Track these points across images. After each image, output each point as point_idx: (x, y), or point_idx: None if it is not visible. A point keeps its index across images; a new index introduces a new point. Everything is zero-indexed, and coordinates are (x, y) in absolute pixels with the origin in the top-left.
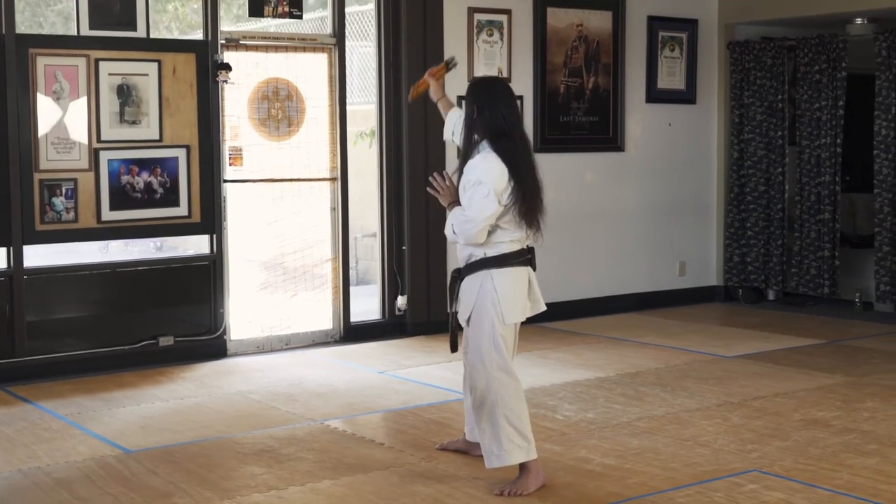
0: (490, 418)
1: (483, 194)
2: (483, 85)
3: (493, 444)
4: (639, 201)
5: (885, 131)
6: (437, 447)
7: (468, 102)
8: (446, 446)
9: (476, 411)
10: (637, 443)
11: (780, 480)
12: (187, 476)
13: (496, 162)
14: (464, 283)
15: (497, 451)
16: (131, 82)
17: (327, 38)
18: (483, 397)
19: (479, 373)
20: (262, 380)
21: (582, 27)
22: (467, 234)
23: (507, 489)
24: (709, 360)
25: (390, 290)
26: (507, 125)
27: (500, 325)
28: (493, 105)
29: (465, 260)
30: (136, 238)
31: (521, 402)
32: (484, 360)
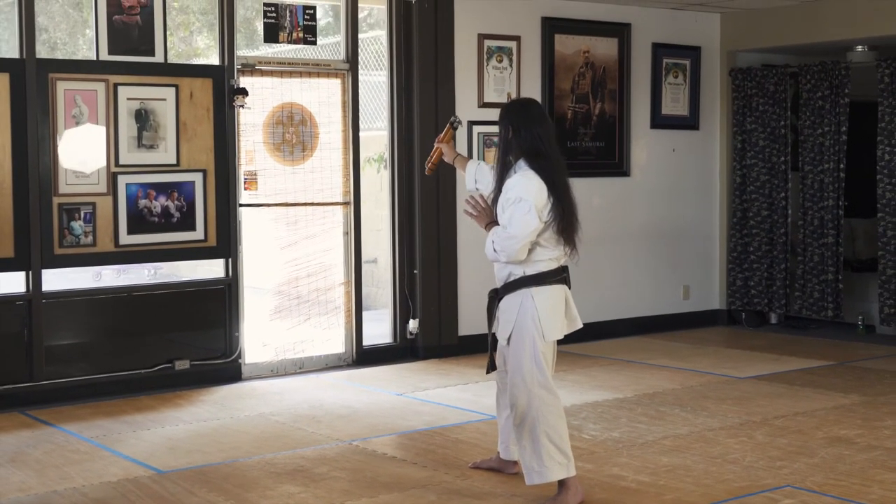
0: (531, 435)
1: (524, 211)
2: (518, 106)
3: (534, 461)
4: (643, 225)
5: (889, 156)
6: (471, 466)
7: (503, 124)
8: (479, 465)
9: (517, 428)
10: (667, 460)
11: (814, 495)
12: (225, 495)
13: (535, 179)
14: (503, 302)
15: (538, 468)
16: (149, 107)
17: (341, 64)
18: (524, 414)
19: (521, 390)
20: (281, 402)
21: (589, 54)
22: (509, 252)
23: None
24: (723, 381)
25: (402, 313)
26: (542, 144)
27: (541, 343)
28: (529, 125)
29: (503, 279)
30: (153, 262)
31: (561, 420)
32: (525, 378)
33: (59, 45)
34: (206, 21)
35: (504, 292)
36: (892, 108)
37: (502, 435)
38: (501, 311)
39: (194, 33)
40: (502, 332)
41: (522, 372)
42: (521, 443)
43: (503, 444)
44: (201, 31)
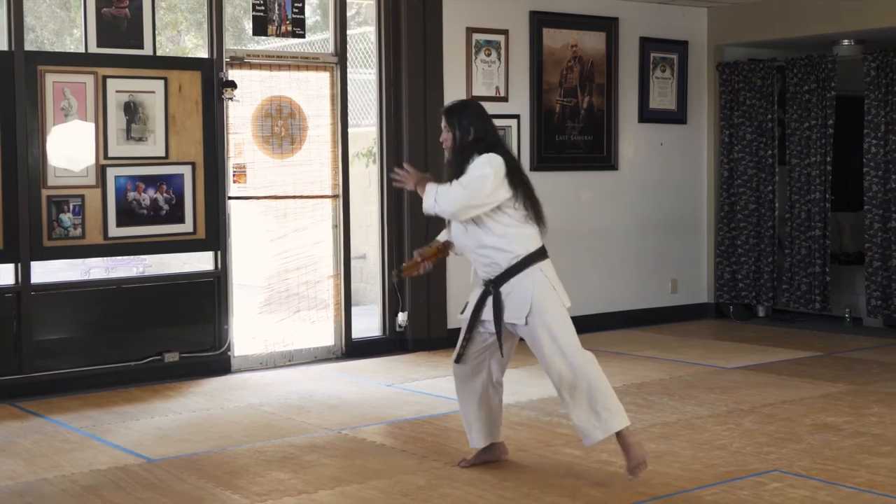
0: (587, 396)
1: (483, 173)
2: (464, 106)
3: (593, 419)
4: (632, 219)
5: (875, 149)
6: (461, 465)
7: (456, 124)
8: (471, 462)
9: (571, 399)
10: (655, 446)
11: (801, 479)
12: (215, 482)
13: (497, 157)
14: (510, 285)
15: (598, 423)
16: (138, 99)
17: (329, 57)
18: (573, 381)
19: (561, 359)
20: (271, 393)
21: (577, 48)
22: (454, 201)
23: (634, 467)
24: (711, 372)
25: (391, 306)
26: (496, 139)
27: (564, 308)
28: (482, 122)
29: (500, 267)
30: (142, 254)
31: (603, 374)
32: (563, 346)
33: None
34: (194, 20)
35: (507, 276)
36: (878, 101)
37: (476, 424)
38: (510, 293)
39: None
40: (517, 314)
41: (559, 342)
42: (575, 411)
43: (477, 432)
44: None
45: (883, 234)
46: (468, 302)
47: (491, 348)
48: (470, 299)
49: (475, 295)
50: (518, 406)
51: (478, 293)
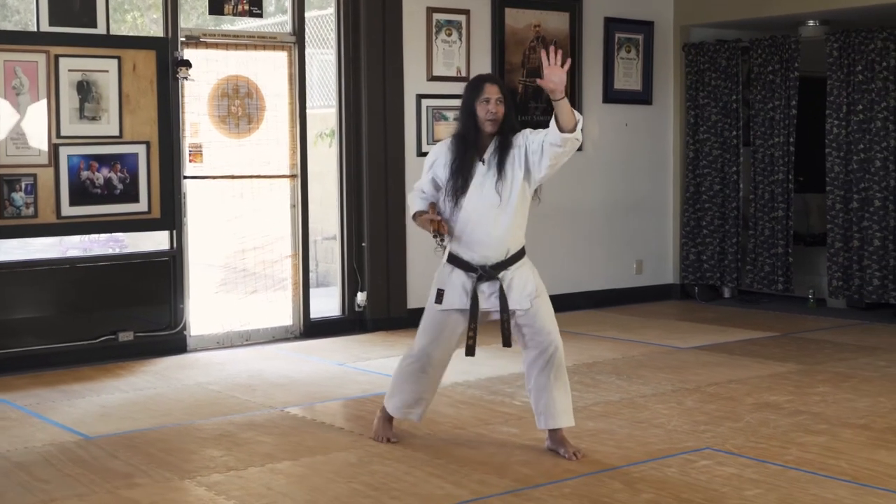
0: (563, 377)
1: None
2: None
3: (568, 402)
4: (597, 200)
5: (837, 130)
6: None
7: (507, 96)
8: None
9: (556, 377)
10: (593, 425)
11: (731, 457)
12: (147, 459)
13: None
14: (513, 273)
15: (570, 409)
16: (91, 79)
17: (287, 37)
18: (559, 363)
19: (555, 340)
20: (221, 372)
21: (540, 28)
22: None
23: (575, 451)
24: (664, 352)
25: (350, 286)
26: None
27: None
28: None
29: (510, 252)
30: (95, 233)
31: None
32: (555, 330)
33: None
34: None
35: (510, 263)
36: (840, 82)
37: (426, 401)
38: (512, 280)
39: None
40: (523, 301)
41: (554, 324)
42: (556, 391)
43: (424, 409)
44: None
45: (844, 216)
46: (442, 290)
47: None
48: (449, 289)
49: (460, 283)
50: (465, 384)
51: (465, 282)
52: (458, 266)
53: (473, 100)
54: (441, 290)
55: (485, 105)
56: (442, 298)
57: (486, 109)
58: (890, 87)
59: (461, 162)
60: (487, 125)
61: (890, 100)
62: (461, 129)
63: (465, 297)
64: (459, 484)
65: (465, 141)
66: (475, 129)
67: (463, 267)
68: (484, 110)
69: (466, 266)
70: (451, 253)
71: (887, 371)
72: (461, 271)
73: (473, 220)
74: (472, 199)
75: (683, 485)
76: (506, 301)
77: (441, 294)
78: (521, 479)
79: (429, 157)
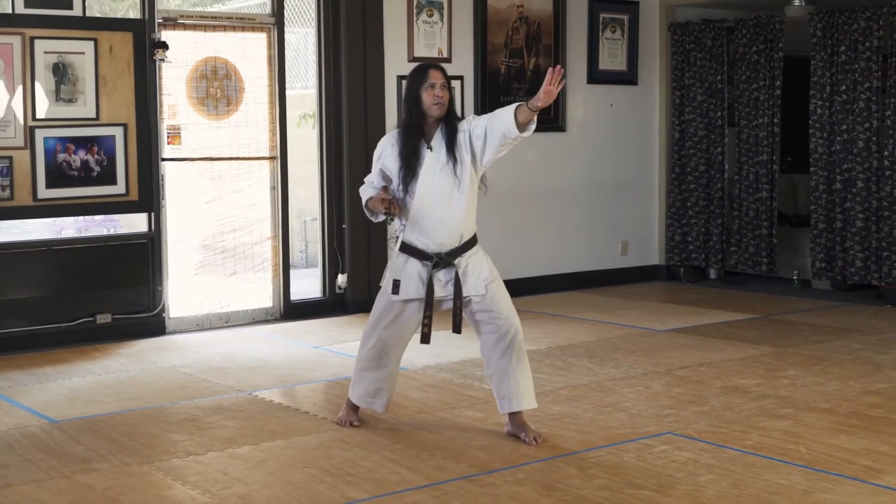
0: (524, 360)
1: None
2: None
3: (531, 386)
4: (581, 181)
5: (821, 111)
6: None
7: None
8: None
9: (518, 359)
10: (558, 409)
11: (691, 442)
12: (109, 444)
13: None
14: (467, 260)
15: (532, 391)
16: (67, 61)
17: (266, 18)
18: (520, 346)
19: (513, 324)
20: (196, 355)
21: (523, 8)
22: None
23: (536, 435)
24: (641, 334)
25: (331, 268)
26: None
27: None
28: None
29: (463, 238)
30: (73, 216)
31: None
32: (513, 313)
33: None
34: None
35: (464, 250)
36: (823, 62)
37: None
38: (466, 266)
39: None
40: (478, 286)
41: (512, 308)
42: (517, 374)
43: (387, 398)
44: None
45: (828, 196)
46: (398, 281)
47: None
48: (405, 279)
49: (416, 273)
50: (437, 367)
51: (421, 271)
52: (412, 255)
53: (419, 86)
54: (397, 281)
55: (430, 91)
56: (398, 289)
57: (432, 94)
58: (873, 67)
59: (409, 149)
60: (434, 109)
61: (873, 80)
62: (406, 117)
63: (422, 285)
64: (416, 469)
65: (410, 128)
66: (420, 115)
67: (418, 256)
68: (430, 96)
69: (421, 255)
70: (405, 242)
71: (860, 354)
72: (416, 260)
73: (427, 206)
74: (424, 184)
75: (638, 470)
76: (460, 288)
77: (397, 285)
78: (478, 464)
79: (376, 151)
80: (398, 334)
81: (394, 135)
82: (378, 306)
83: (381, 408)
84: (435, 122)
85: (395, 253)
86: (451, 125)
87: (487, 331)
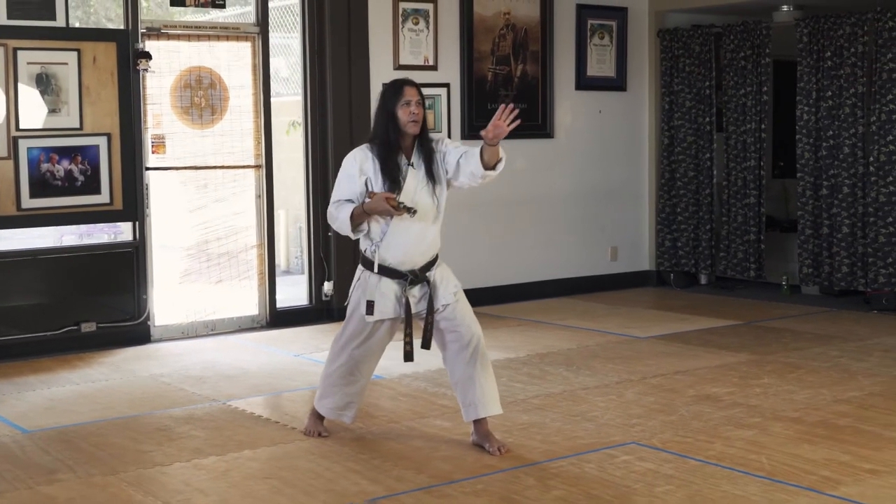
0: (489, 366)
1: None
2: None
3: (496, 391)
4: (570, 187)
5: (807, 116)
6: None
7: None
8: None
9: (482, 366)
10: (526, 419)
11: (654, 452)
12: (77, 454)
13: None
14: (437, 272)
15: (497, 397)
16: (50, 71)
17: (251, 27)
18: (484, 353)
19: (478, 331)
20: (177, 363)
21: (510, 15)
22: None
23: (500, 445)
24: (622, 341)
25: (317, 276)
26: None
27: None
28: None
29: (427, 258)
30: (57, 225)
31: None
32: (475, 320)
33: None
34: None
35: (429, 268)
36: (810, 67)
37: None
38: (438, 280)
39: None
40: (448, 296)
41: (474, 317)
42: (482, 380)
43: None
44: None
45: (814, 202)
46: (371, 301)
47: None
48: (379, 299)
49: (391, 292)
50: (413, 376)
51: (396, 290)
52: (385, 274)
53: (394, 104)
54: (371, 301)
55: (406, 108)
56: (373, 309)
57: (408, 112)
58: (858, 73)
59: (394, 165)
60: (410, 126)
61: (858, 86)
62: (383, 134)
63: (398, 304)
64: (376, 480)
65: (390, 145)
66: (397, 131)
67: (392, 275)
68: (406, 113)
69: (395, 273)
70: (380, 262)
71: (838, 361)
72: (389, 279)
73: (405, 224)
74: (407, 201)
75: (597, 481)
76: (433, 303)
77: (371, 305)
78: (439, 474)
79: (350, 167)
80: (371, 351)
81: (366, 150)
82: (349, 326)
83: (350, 419)
84: (410, 139)
85: (364, 273)
86: (427, 144)
87: (451, 339)
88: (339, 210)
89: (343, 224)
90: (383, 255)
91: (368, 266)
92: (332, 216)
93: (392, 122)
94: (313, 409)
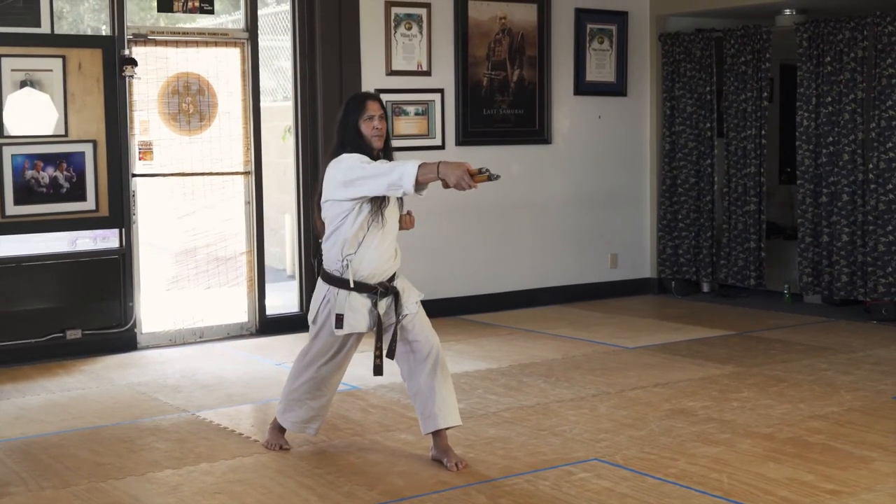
0: (449, 377)
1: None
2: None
3: (454, 402)
4: (569, 194)
5: (807, 122)
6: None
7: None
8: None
9: (443, 376)
10: (493, 432)
11: (614, 469)
12: (34, 466)
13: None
14: (399, 282)
15: (455, 408)
16: (35, 78)
17: (240, 33)
18: (444, 362)
19: (436, 342)
20: (157, 372)
21: (506, 20)
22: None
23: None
24: (609, 352)
25: (308, 282)
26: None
27: None
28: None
29: (394, 269)
30: (42, 232)
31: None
32: (433, 332)
33: None
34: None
35: (393, 279)
36: (810, 73)
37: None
38: (402, 290)
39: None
40: (410, 305)
41: (432, 328)
42: (443, 391)
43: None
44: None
45: (814, 209)
46: (341, 315)
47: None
48: (349, 312)
49: (362, 306)
50: (388, 387)
51: (366, 303)
52: (356, 289)
53: (357, 118)
54: (340, 315)
55: (369, 122)
56: (342, 323)
57: (371, 126)
58: (857, 78)
59: None
60: (375, 141)
61: (857, 91)
62: (355, 146)
63: (370, 318)
64: (325, 497)
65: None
66: (365, 145)
67: (362, 289)
68: (369, 128)
69: (365, 287)
70: (346, 277)
71: (823, 374)
72: (358, 294)
73: (379, 237)
74: (389, 216)
75: (549, 499)
76: (399, 311)
77: (341, 318)
78: (391, 491)
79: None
80: (339, 366)
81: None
82: (317, 344)
83: (314, 431)
84: (374, 153)
85: (331, 290)
86: (390, 157)
87: (411, 350)
88: (395, 164)
89: (407, 175)
90: (356, 268)
91: (339, 283)
92: (380, 171)
93: (359, 137)
94: (274, 422)
